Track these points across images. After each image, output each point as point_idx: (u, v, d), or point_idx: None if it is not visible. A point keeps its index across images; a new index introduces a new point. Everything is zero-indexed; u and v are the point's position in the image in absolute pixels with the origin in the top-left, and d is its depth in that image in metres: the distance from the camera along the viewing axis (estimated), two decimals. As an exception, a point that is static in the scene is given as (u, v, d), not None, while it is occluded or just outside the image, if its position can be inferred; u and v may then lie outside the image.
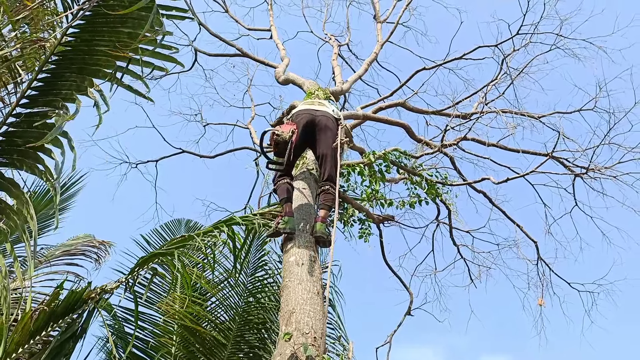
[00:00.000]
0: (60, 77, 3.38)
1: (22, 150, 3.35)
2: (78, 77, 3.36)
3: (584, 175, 8.69)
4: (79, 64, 3.38)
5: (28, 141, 3.30)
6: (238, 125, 11.05)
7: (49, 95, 3.37)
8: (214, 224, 4.96)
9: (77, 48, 3.30)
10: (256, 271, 6.64)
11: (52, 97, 3.36)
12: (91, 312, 4.48)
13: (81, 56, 3.36)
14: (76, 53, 3.32)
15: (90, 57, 3.36)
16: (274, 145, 5.09)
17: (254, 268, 6.65)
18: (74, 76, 3.36)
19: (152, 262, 4.73)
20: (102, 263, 7.64)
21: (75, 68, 3.38)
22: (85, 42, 3.29)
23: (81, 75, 3.36)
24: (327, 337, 5.99)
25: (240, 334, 6.10)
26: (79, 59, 3.36)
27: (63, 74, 3.38)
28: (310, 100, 5.64)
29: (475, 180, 9.02)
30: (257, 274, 6.63)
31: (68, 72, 3.37)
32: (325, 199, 5.04)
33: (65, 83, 3.37)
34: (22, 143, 3.34)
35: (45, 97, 3.39)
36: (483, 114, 9.14)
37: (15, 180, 3.36)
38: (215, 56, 10.79)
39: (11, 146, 3.33)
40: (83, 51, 3.36)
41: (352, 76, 9.73)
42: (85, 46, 3.32)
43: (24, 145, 3.32)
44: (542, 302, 9.11)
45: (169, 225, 7.71)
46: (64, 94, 3.34)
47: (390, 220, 8.32)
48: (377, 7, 11.33)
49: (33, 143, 3.25)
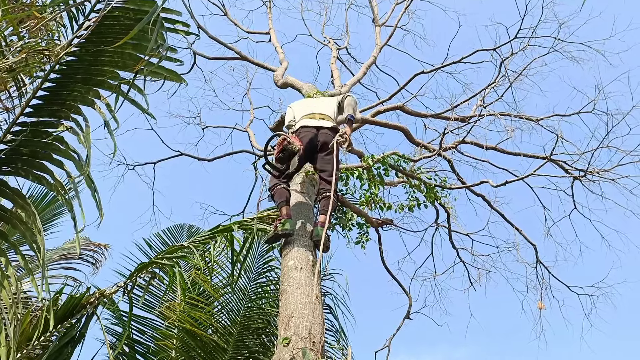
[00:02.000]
0: (65, 87, 3.38)
1: (27, 160, 3.34)
2: (83, 88, 3.36)
3: (582, 178, 8.71)
4: (84, 74, 3.37)
5: (34, 151, 3.30)
6: (237, 128, 11.09)
7: (54, 105, 3.37)
8: (211, 231, 4.96)
9: (82, 58, 3.30)
10: (259, 276, 6.66)
11: (57, 107, 3.35)
12: (90, 317, 4.47)
13: (86, 66, 3.36)
14: (81, 63, 3.32)
15: (96, 67, 3.36)
16: (281, 150, 5.09)
17: (257, 273, 6.66)
18: (79, 86, 3.36)
19: (150, 268, 4.74)
20: (99, 267, 7.65)
21: (80, 78, 3.38)
22: (90, 53, 3.29)
23: (86, 85, 3.36)
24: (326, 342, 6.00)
25: (241, 338, 6.10)
26: (83, 69, 3.36)
27: (68, 84, 3.37)
28: (312, 113, 5.57)
29: (474, 184, 9.05)
30: (260, 279, 6.64)
31: (73, 82, 3.37)
32: (325, 204, 5.05)
33: (71, 93, 3.37)
34: (27, 152, 3.33)
35: (50, 107, 3.38)
36: (482, 117, 9.17)
37: (20, 191, 3.34)
38: (214, 59, 10.81)
39: (16, 155, 3.32)
40: (88, 61, 3.35)
41: (350, 79, 9.74)
42: (91, 56, 3.32)
43: (29, 155, 3.31)
44: (542, 306, 9.12)
45: (171, 230, 7.79)
46: (69, 105, 3.34)
47: (389, 224, 8.33)
48: (375, 10, 11.34)
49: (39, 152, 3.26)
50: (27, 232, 3.28)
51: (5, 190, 3.30)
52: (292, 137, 5.20)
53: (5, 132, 3.30)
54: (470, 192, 9.32)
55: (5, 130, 3.30)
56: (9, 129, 3.31)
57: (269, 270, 6.68)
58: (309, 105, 5.74)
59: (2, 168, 3.31)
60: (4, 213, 3.34)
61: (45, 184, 3.38)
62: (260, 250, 6.75)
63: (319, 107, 5.64)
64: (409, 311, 9.08)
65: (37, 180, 3.39)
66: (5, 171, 3.32)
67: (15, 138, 3.29)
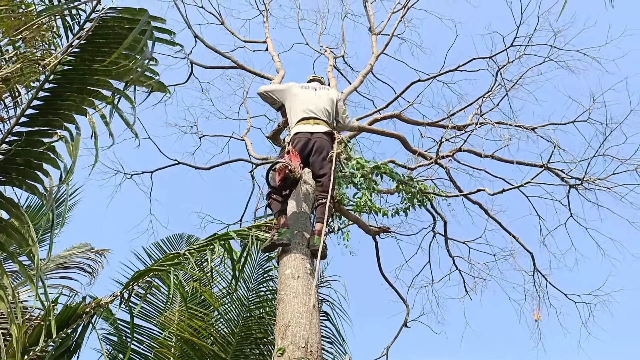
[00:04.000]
0: (60, 96, 3.39)
1: (21, 170, 3.34)
2: (77, 97, 3.36)
3: (578, 187, 8.73)
4: (79, 83, 3.38)
5: (27, 160, 3.30)
6: (234, 137, 11.09)
7: (49, 114, 3.37)
8: (208, 239, 4.95)
9: (77, 67, 3.31)
10: (259, 285, 6.65)
11: (52, 116, 3.36)
12: (86, 327, 4.45)
13: (81, 75, 3.37)
14: (76, 72, 3.33)
15: (90, 77, 3.37)
16: (283, 178, 5.03)
17: (257, 282, 6.65)
18: (73, 96, 3.37)
19: (147, 276, 4.72)
20: (96, 276, 7.62)
21: (75, 88, 3.38)
22: (84, 62, 3.30)
23: (80, 95, 3.37)
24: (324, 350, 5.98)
25: (240, 348, 6.07)
26: (78, 78, 3.37)
27: (62, 93, 3.38)
28: (307, 118, 5.60)
29: (471, 192, 9.04)
30: (260, 288, 6.63)
31: (67, 91, 3.38)
32: (322, 212, 5.05)
33: (65, 103, 3.37)
34: (21, 162, 3.33)
35: (44, 117, 3.39)
36: (478, 126, 9.19)
37: (14, 201, 3.34)
38: (211, 68, 10.81)
39: (10, 164, 3.32)
40: (83, 71, 3.36)
41: (347, 88, 9.75)
42: (85, 66, 3.33)
43: (24, 164, 3.31)
44: (539, 317, 9.10)
45: (170, 240, 7.78)
46: (63, 114, 3.34)
47: (386, 232, 8.32)
48: (372, 19, 11.39)
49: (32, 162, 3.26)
50: (23, 241, 3.27)
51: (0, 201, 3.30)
52: (291, 156, 5.17)
53: (0, 142, 3.30)
54: (467, 200, 9.34)
55: (0, 140, 3.30)
56: (4, 139, 3.31)
57: (268, 279, 6.67)
58: (307, 101, 5.75)
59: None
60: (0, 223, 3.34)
61: (37, 193, 3.37)
62: (260, 259, 6.75)
63: (315, 107, 5.67)
64: (406, 319, 9.06)
65: (30, 189, 3.38)
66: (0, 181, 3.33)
67: (9, 148, 3.29)
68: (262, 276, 6.69)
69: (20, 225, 3.30)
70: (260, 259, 6.75)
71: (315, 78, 6.35)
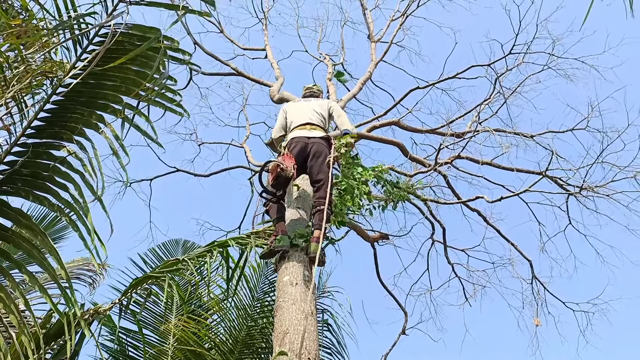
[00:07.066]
0: (67, 110, 3.39)
1: (28, 181, 3.34)
2: (86, 111, 3.37)
3: (577, 194, 8.74)
4: (87, 97, 3.39)
5: (35, 172, 3.30)
6: (233, 144, 11.13)
7: (56, 126, 3.38)
8: (207, 246, 4.95)
9: (86, 81, 3.31)
10: (265, 295, 6.63)
11: (59, 128, 3.36)
12: (83, 335, 4.43)
13: (89, 89, 3.37)
14: (84, 86, 3.33)
15: (99, 91, 3.38)
16: (276, 177, 5.09)
17: (263, 292, 6.63)
18: (81, 109, 3.38)
19: (145, 284, 4.71)
20: (96, 287, 7.63)
21: (84, 101, 3.39)
22: (93, 76, 3.30)
23: (89, 109, 3.38)
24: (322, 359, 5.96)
25: (241, 357, 6.05)
26: (87, 92, 3.38)
27: (70, 106, 3.39)
28: (304, 124, 5.65)
29: (470, 199, 9.07)
30: (265, 298, 6.61)
31: (76, 104, 3.39)
32: (320, 218, 5.05)
33: (73, 116, 3.38)
34: (28, 173, 3.33)
35: (51, 129, 3.39)
36: (477, 133, 9.21)
37: (23, 211, 3.33)
38: (211, 75, 10.85)
39: (17, 175, 3.32)
40: (91, 85, 3.37)
41: (346, 95, 9.79)
42: (94, 80, 3.33)
43: (30, 176, 3.31)
44: (538, 322, 9.09)
45: (166, 245, 7.74)
46: (72, 127, 3.35)
47: (384, 239, 8.32)
48: (371, 27, 11.45)
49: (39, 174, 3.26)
50: (34, 250, 3.27)
51: (6, 211, 3.29)
52: (285, 157, 5.21)
53: (6, 153, 3.30)
54: (466, 207, 9.35)
55: (6, 151, 3.30)
56: (10, 150, 3.31)
57: (273, 290, 6.64)
58: (302, 112, 5.82)
59: (2, 188, 3.30)
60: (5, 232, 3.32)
61: (47, 205, 3.37)
62: (267, 270, 6.72)
63: (310, 115, 5.73)
64: (404, 326, 9.05)
65: (38, 201, 3.38)
66: (5, 191, 3.32)
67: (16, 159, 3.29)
68: (269, 287, 6.66)
69: (32, 235, 3.29)
70: (267, 269, 6.73)
71: (310, 88, 6.41)
